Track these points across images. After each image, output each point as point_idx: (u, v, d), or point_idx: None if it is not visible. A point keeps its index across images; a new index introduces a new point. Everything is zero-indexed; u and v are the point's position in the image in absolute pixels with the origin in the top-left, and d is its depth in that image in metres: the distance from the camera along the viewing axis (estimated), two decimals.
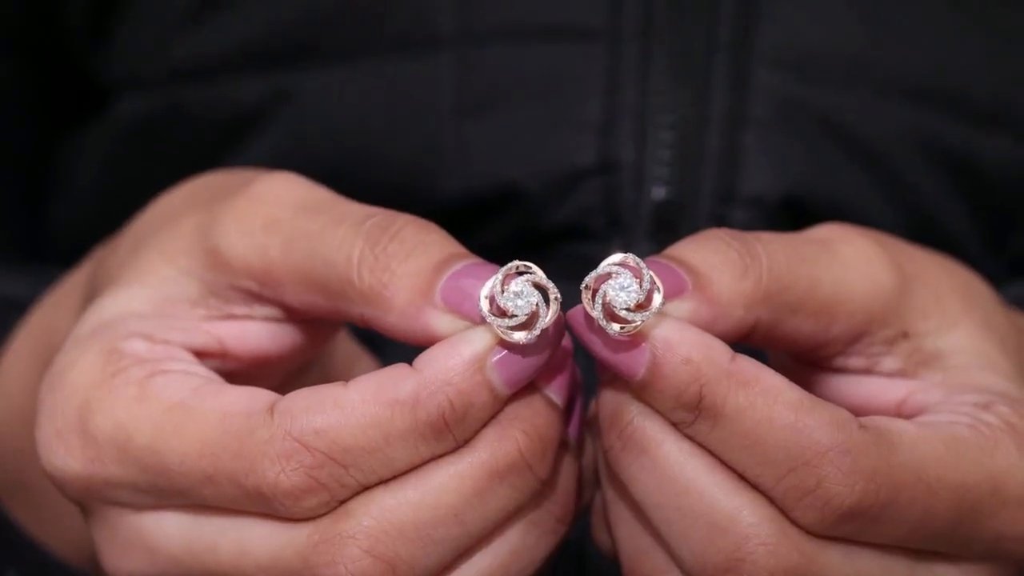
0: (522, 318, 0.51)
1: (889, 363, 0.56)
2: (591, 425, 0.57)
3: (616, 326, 0.51)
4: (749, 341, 0.55)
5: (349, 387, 0.51)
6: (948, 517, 0.53)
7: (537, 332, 0.51)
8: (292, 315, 0.56)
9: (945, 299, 0.57)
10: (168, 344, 0.55)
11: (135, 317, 0.55)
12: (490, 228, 0.70)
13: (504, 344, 0.51)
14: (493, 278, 0.51)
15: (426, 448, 0.51)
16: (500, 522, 0.53)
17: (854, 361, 0.56)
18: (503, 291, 0.51)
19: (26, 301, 0.72)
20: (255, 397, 0.53)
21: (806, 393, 0.51)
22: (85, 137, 0.79)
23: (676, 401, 0.51)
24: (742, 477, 0.52)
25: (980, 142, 0.70)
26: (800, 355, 0.57)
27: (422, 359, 0.51)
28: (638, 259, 0.52)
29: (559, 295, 0.52)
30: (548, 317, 0.51)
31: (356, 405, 0.51)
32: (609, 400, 0.53)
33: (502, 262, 0.52)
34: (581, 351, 0.54)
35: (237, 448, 0.51)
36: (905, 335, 0.56)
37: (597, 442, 0.55)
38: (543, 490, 0.53)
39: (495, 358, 0.51)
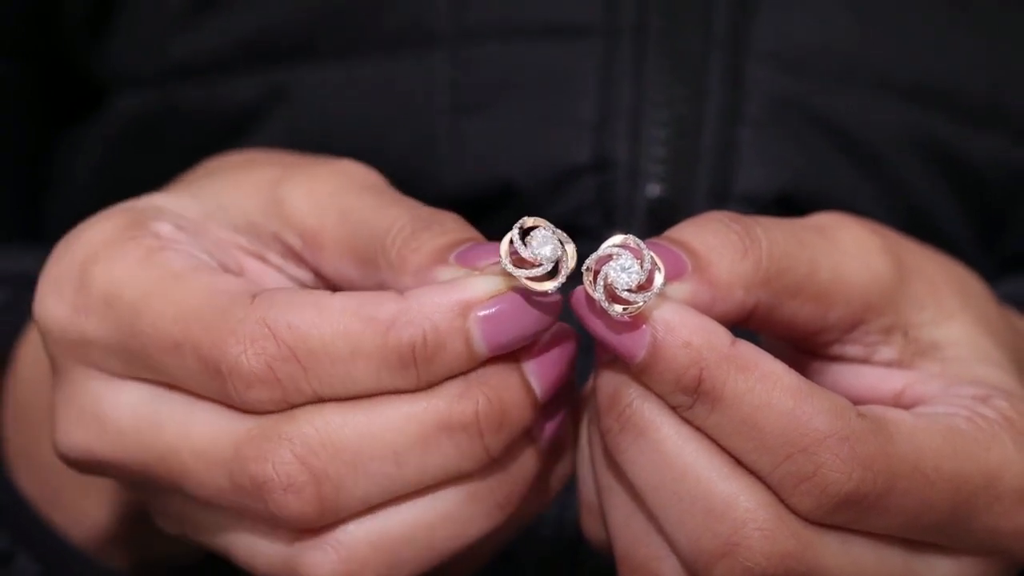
0: (549, 266, 0.51)
1: (886, 352, 0.56)
2: (586, 404, 0.57)
3: (618, 307, 0.51)
4: (748, 325, 0.55)
5: (335, 295, 0.52)
6: (943, 508, 0.53)
7: (563, 278, 0.51)
8: (318, 283, 0.57)
9: (941, 291, 0.57)
10: (193, 236, 0.55)
11: (175, 213, 0.56)
12: (485, 224, 0.69)
13: (529, 298, 0.52)
14: (509, 235, 0.52)
15: (388, 377, 0.51)
16: (437, 480, 0.52)
17: (851, 349, 0.56)
18: (525, 244, 0.51)
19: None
20: (247, 285, 0.53)
21: (805, 379, 0.51)
22: (82, 135, 0.79)
23: (675, 384, 0.51)
24: (739, 462, 0.52)
25: (974, 141, 0.70)
26: (798, 341, 0.57)
27: (413, 290, 0.52)
28: (638, 240, 0.52)
29: (570, 239, 0.52)
30: (571, 260, 0.52)
31: (334, 312, 0.51)
32: (608, 382, 0.53)
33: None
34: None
35: (210, 320, 0.51)
36: (902, 328, 0.56)
37: (593, 425, 0.55)
38: (492, 468, 0.53)
39: (482, 312, 0.51)
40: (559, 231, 0.52)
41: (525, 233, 0.52)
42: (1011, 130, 0.71)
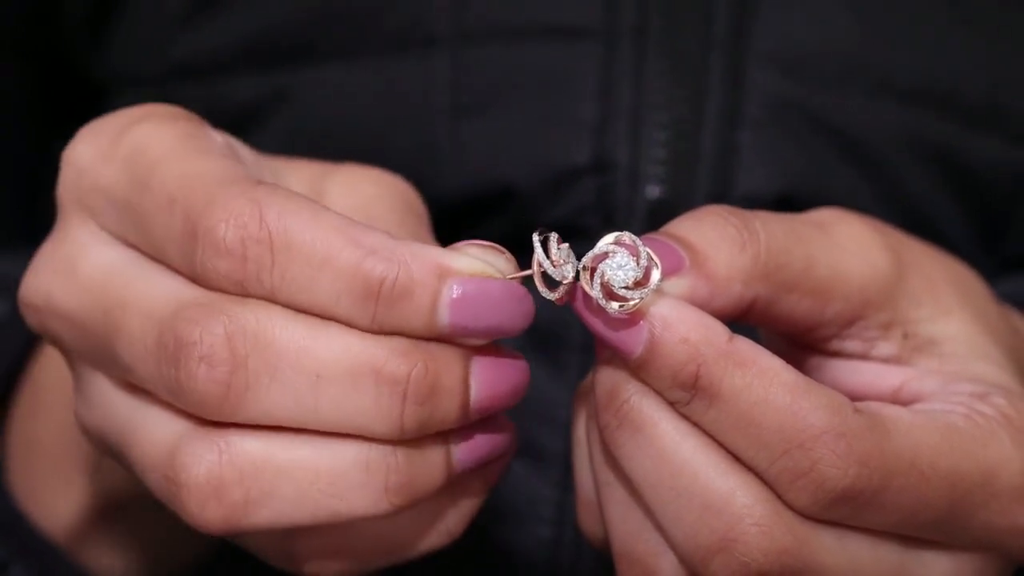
0: (568, 285, 0.52)
1: (884, 348, 0.56)
2: (584, 400, 0.57)
3: (615, 304, 0.51)
4: (746, 319, 0.55)
5: (333, 210, 0.52)
6: (940, 505, 0.53)
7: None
8: None
9: (939, 287, 0.57)
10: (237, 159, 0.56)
11: (231, 142, 0.57)
12: (485, 227, 0.70)
13: (504, 294, 0.52)
14: (537, 256, 0.52)
15: (346, 303, 0.51)
16: (344, 427, 0.52)
17: (850, 345, 0.57)
18: (555, 265, 0.52)
19: None
20: (260, 175, 0.54)
21: (802, 376, 0.52)
22: None
23: (673, 380, 0.51)
24: (736, 458, 0.52)
25: (972, 142, 0.70)
26: (796, 336, 0.57)
27: (404, 240, 0.52)
28: (634, 237, 0.52)
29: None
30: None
31: (325, 220, 0.51)
32: (606, 378, 0.53)
33: None
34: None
35: (210, 187, 0.52)
36: (900, 324, 0.56)
37: (591, 421, 0.55)
38: (397, 447, 0.52)
39: (457, 284, 0.51)
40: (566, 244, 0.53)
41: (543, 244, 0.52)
42: (1010, 131, 0.71)
